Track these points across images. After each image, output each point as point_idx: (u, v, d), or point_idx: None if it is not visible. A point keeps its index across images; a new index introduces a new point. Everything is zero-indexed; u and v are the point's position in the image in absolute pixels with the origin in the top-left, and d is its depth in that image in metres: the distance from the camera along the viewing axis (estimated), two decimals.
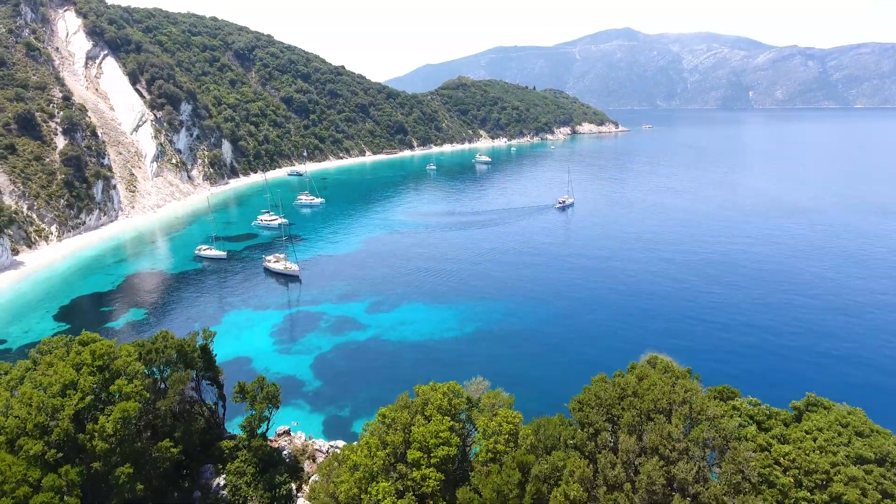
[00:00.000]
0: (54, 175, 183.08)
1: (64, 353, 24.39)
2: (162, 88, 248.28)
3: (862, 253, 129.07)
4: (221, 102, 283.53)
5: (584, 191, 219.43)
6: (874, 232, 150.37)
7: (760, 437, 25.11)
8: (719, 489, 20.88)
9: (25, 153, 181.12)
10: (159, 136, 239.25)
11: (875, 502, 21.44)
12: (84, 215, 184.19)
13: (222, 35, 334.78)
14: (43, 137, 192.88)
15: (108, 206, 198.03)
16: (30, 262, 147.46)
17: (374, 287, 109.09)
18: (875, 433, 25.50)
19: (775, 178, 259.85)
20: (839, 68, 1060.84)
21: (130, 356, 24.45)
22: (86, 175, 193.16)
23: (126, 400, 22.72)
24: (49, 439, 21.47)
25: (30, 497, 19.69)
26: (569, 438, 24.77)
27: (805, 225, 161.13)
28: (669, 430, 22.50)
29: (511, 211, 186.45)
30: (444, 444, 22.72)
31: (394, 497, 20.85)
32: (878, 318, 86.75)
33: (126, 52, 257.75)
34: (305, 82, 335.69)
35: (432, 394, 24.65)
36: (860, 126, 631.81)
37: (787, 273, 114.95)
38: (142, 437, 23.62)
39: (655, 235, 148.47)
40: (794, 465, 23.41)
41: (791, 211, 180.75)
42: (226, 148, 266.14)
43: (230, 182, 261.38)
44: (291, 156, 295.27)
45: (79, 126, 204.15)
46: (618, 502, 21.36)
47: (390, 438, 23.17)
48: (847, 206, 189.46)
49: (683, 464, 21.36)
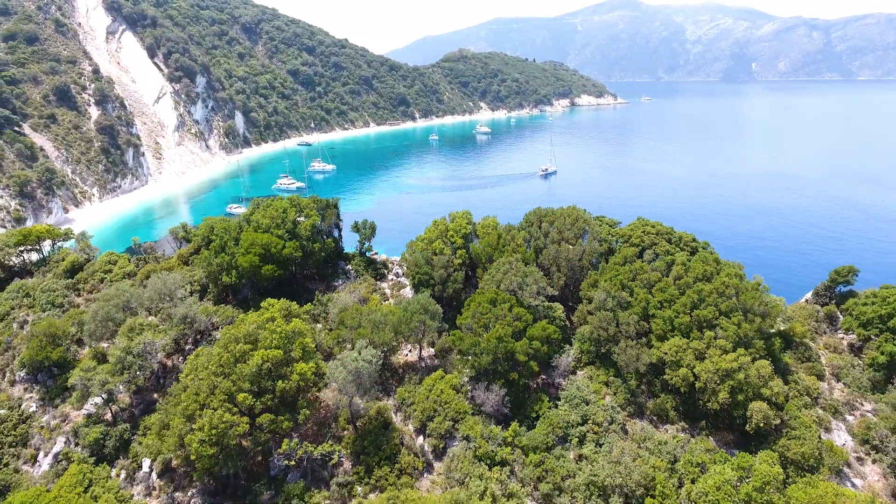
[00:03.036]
0: (91, 142, 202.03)
1: (272, 202, 47.52)
2: (178, 62, 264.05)
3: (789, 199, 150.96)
4: (232, 75, 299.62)
5: (571, 159, 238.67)
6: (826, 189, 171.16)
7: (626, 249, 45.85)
8: (588, 253, 42.54)
9: (65, 122, 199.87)
10: (178, 107, 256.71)
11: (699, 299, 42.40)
12: (119, 179, 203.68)
13: (229, 9, 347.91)
14: (78, 108, 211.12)
15: (139, 171, 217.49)
16: (79, 220, 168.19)
17: (395, 235, 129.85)
18: (716, 263, 45.55)
19: (760, 147, 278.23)
20: (843, 39, 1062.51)
21: (310, 204, 47.50)
22: (119, 143, 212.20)
23: (309, 216, 46.59)
24: (281, 232, 43.90)
25: (280, 249, 43.13)
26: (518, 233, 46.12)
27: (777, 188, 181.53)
28: (568, 224, 43.98)
29: (504, 177, 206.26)
30: (464, 229, 45.67)
31: (443, 244, 42.96)
32: None
33: (143, 27, 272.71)
34: (311, 55, 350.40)
35: (458, 214, 47.63)
36: (857, 99, 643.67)
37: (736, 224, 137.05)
38: (313, 239, 47.04)
39: (633, 198, 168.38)
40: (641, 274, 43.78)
41: (765, 176, 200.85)
42: (238, 119, 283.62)
43: (244, 151, 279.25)
44: (299, 127, 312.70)
45: (109, 97, 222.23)
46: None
47: (438, 229, 45.88)
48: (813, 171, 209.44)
49: (573, 247, 42.57)
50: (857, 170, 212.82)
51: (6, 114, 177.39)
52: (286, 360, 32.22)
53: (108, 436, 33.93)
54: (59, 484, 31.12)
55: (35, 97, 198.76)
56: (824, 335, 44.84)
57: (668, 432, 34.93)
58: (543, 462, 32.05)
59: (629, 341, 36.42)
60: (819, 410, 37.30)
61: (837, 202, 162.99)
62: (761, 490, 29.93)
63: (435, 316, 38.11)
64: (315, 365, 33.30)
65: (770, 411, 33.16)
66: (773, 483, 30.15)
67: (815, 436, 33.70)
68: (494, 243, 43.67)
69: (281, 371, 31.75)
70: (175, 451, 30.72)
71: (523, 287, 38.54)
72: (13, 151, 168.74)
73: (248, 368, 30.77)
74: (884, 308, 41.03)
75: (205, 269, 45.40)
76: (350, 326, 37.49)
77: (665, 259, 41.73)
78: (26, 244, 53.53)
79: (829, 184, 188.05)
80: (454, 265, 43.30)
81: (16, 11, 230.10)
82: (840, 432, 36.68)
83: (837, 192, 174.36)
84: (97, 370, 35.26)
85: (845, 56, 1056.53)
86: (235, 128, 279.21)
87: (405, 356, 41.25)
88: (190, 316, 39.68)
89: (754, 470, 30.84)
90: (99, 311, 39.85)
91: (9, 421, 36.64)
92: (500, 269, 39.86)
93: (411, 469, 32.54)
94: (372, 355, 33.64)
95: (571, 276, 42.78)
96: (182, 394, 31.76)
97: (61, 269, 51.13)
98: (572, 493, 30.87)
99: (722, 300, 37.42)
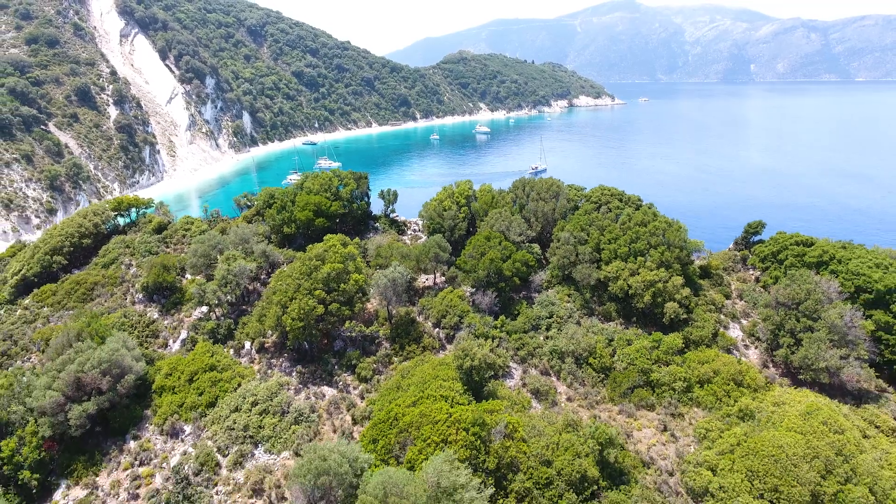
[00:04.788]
0: (111, 140, 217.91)
1: (318, 174, 62.85)
2: (189, 64, 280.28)
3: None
4: (239, 77, 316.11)
5: (561, 157, 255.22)
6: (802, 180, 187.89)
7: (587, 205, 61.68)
8: (559, 209, 58.53)
9: (86, 121, 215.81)
10: (190, 107, 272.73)
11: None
12: (137, 175, 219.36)
13: (235, 12, 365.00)
14: (98, 108, 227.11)
15: (155, 167, 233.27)
16: None
17: None
18: (654, 215, 61.47)
19: (748, 146, 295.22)
20: (842, 41, 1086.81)
21: (347, 175, 62.99)
22: (136, 141, 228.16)
23: (347, 185, 62.15)
24: (328, 194, 59.56)
25: (328, 207, 58.48)
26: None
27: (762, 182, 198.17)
28: (544, 188, 60.00)
29: (498, 174, 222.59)
30: (466, 192, 61.61)
31: (450, 203, 58.85)
32: None
33: (154, 31, 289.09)
34: (314, 57, 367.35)
35: (462, 182, 63.41)
36: (851, 100, 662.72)
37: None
38: (351, 201, 62.54)
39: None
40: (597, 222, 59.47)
41: (752, 171, 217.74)
42: (246, 119, 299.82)
43: (251, 150, 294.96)
44: (304, 127, 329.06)
45: (126, 98, 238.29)
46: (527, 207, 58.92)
47: (447, 192, 61.89)
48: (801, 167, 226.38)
49: (547, 203, 58.55)
50: (830, 164, 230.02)
51: (34, 113, 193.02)
52: (345, 271, 47.96)
53: (219, 326, 49.66)
54: (193, 352, 46.88)
55: (58, 97, 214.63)
56: (738, 272, 60.75)
57: (611, 327, 50.78)
58: (521, 339, 47.90)
59: (585, 265, 52.31)
60: (722, 316, 53.16)
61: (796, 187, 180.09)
62: (666, 352, 45.83)
63: (445, 250, 53.98)
64: (364, 276, 49.19)
65: (680, 309, 48.98)
66: (673, 348, 46.07)
67: (711, 326, 49.55)
68: (489, 201, 59.76)
69: (342, 278, 47.47)
70: (273, 329, 46.45)
71: (509, 229, 54.50)
72: (42, 148, 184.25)
73: (320, 275, 46.51)
74: (775, 247, 57.06)
75: (270, 223, 61.35)
76: (385, 256, 53.38)
77: (615, 211, 57.69)
78: (120, 210, 69.34)
79: (804, 178, 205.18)
80: (459, 218, 59.24)
81: (36, 16, 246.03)
82: (735, 329, 52.54)
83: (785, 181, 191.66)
84: (208, 285, 51.01)
85: (843, 57, 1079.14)
86: (243, 127, 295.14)
87: (424, 282, 57.11)
88: (267, 252, 55.57)
89: (663, 341, 46.71)
90: (198, 250, 55.60)
91: (141, 322, 52.24)
92: (493, 217, 55.88)
93: (431, 347, 48.29)
94: (402, 271, 49.46)
95: (546, 225, 58.75)
96: (274, 295, 47.51)
97: (150, 228, 66.93)
98: (540, 357, 46.67)
99: (653, 238, 53.33)
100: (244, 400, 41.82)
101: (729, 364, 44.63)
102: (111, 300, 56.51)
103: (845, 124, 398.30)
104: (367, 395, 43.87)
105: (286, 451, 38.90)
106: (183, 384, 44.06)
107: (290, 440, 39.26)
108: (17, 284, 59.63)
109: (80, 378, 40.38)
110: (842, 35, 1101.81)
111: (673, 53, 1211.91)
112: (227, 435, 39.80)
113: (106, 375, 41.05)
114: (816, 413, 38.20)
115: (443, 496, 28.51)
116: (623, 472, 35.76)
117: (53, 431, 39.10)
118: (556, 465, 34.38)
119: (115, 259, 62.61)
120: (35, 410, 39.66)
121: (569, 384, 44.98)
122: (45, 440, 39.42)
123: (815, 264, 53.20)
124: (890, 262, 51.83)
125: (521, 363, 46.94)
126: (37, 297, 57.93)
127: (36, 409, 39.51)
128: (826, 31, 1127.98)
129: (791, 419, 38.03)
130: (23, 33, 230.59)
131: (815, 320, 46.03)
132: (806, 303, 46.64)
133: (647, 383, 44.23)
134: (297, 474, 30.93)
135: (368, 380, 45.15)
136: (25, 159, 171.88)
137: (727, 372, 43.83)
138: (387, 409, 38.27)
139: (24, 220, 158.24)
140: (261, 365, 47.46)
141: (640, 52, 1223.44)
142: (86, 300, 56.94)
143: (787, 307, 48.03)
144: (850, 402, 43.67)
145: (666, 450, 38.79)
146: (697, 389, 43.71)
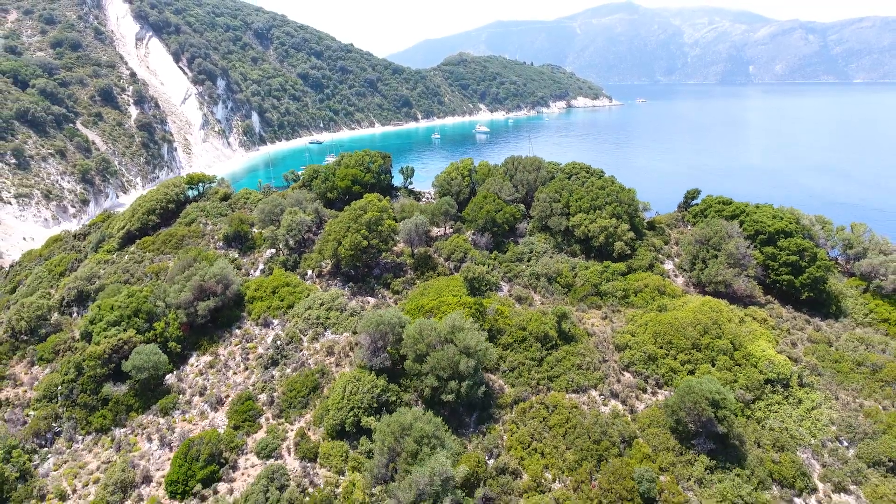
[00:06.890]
0: (133, 138, 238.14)
1: (352, 154, 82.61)
2: (201, 66, 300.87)
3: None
4: (247, 78, 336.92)
5: (562, 157, 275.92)
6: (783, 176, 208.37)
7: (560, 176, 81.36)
8: (539, 178, 78.35)
9: (110, 120, 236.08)
10: (203, 107, 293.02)
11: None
12: (157, 171, 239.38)
13: (242, 16, 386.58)
14: (120, 107, 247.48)
15: (173, 164, 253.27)
16: (128, 204, 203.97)
17: None
18: (612, 182, 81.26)
19: (739, 144, 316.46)
20: (840, 42, 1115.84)
21: (376, 154, 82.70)
22: (155, 138, 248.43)
23: (375, 162, 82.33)
24: (362, 168, 79.36)
25: (362, 177, 78.58)
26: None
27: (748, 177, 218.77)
28: (529, 163, 79.86)
29: None
30: (469, 166, 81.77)
31: (457, 174, 78.54)
32: None
33: (168, 34, 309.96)
34: (318, 59, 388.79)
35: (465, 159, 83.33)
36: (849, 101, 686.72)
37: None
38: (380, 173, 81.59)
39: None
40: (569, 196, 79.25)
41: (741, 167, 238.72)
42: (255, 119, 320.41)
43: (260, 149, 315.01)
44: (310, 126, 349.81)
45: (145, 98, 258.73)
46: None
47: (454, 167, 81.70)
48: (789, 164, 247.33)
49: (531, 174, 78.52)
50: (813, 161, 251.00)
51: (63, 111, 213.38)
52: (381, 218, 67.75)
53: (288, 259, 69.48)
54: (272, 276, 66.63)
55: (83, 97, 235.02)
56: (679, 228, 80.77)
57: (574, 260, 70.66)
58: (509, 266, 67.81)
59: (557, 217, 72.29)
60: (659, 255, 73.04)
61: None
62: (613, 274, 65.70)
63: (453, 207, 73.92)
64: (394, 222, 69.09)
65: (625, 247, 68.86)
66: (618, 271, 65.99)
67: (649, 259, 69.41)
68: (486, 173, 79.83)
69: (379, 223, 67.24)
70: (330, 258, 66.22)
71: (501, 191, 74.53)
72: (73, 144, 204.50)
73: (363, 220, 66.28)
74: (703, 206, 77.22)
75: (317, 190, 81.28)
76: (407, 212, 73.33)
77: (582, 179, 77.80)
78: (191, 183, 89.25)
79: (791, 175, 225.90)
80: (463, 185, 79.25)
81: (59, 20, 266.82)
82: (669, 264, 72.46)
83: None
84: (277, 230, 70.81)
85: (841, 59, 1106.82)
86: (252, 127, 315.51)
87: (437, 233, 77.01)
88: (318, 209, 75.52)
89: (611, 266, 66.61)
90: (265, 209, 75.39)
91: (227, 258, 71.98)
92: (489, 183, 75.89)
93: (443, 273, 68.11)
94: (422, 219, 69.32)
95: (530, 190, 78.81)
96: (329, 235, 67.31)
97: (217, 197, 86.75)
98: (522, 277, 66.56)
99: (608, 197, 73.28)
100: (314, 301, 61.53)
101: (656, 279, 64.54)
102: (198, 248, 76.22)
103: (844, 124, 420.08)
104: (399, 302, 63.63)
105: (346, 332, 58.53)
106: (268, 294, 63.80)
107: (349, 325, 58.90)
108: (122, 237, 79.33)
109: (202, 285, 60.02)
110: (840, 36, 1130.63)
111: (672, 55, 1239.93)
112: (305, 322, 59.48)
113: (219, 283, 60.70)
114: (706, 303, 58.05)
115: (457, 331, 48.14)
116: (574, 336, 55.45)
117: (187, 318, 58.75)
118: (528, 329, 54.12)
119: (194, 219, 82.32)
120: (172, 306, 59.28)
121: (542, 295, 64.80)
122: (182, 324, 59.01)
123: (730, 216, 73.26)
124: (784, 215, 71.94)
125: (508, 282, 66.76)
126: (139, 245, 77.68)
127: (173, 305, 59.16)
128: (824, 32, 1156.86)
129: (689, 308, 57.85)
130: (48, 37, 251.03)
131: (719, 250, 65.94)
132: (713, 238, 66.60)
133: (598, 293, 64.06)
134: (365, 326, 50.51)
135: (400, 292, 65.03)
136: (59, 154, 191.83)
137: (654, 284, 63.74)
138: (415, 303, 58.15)
139: (61, 209, 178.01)
140: (321, 284, 67.19)
141: (639, 54, 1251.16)
142: (178, 248, 76.64)
143: (701, 243, 68.02)
144: (740, 306, 63.44)
145: (605, 328, 58.55)
146: (632, 296, 63.54)
